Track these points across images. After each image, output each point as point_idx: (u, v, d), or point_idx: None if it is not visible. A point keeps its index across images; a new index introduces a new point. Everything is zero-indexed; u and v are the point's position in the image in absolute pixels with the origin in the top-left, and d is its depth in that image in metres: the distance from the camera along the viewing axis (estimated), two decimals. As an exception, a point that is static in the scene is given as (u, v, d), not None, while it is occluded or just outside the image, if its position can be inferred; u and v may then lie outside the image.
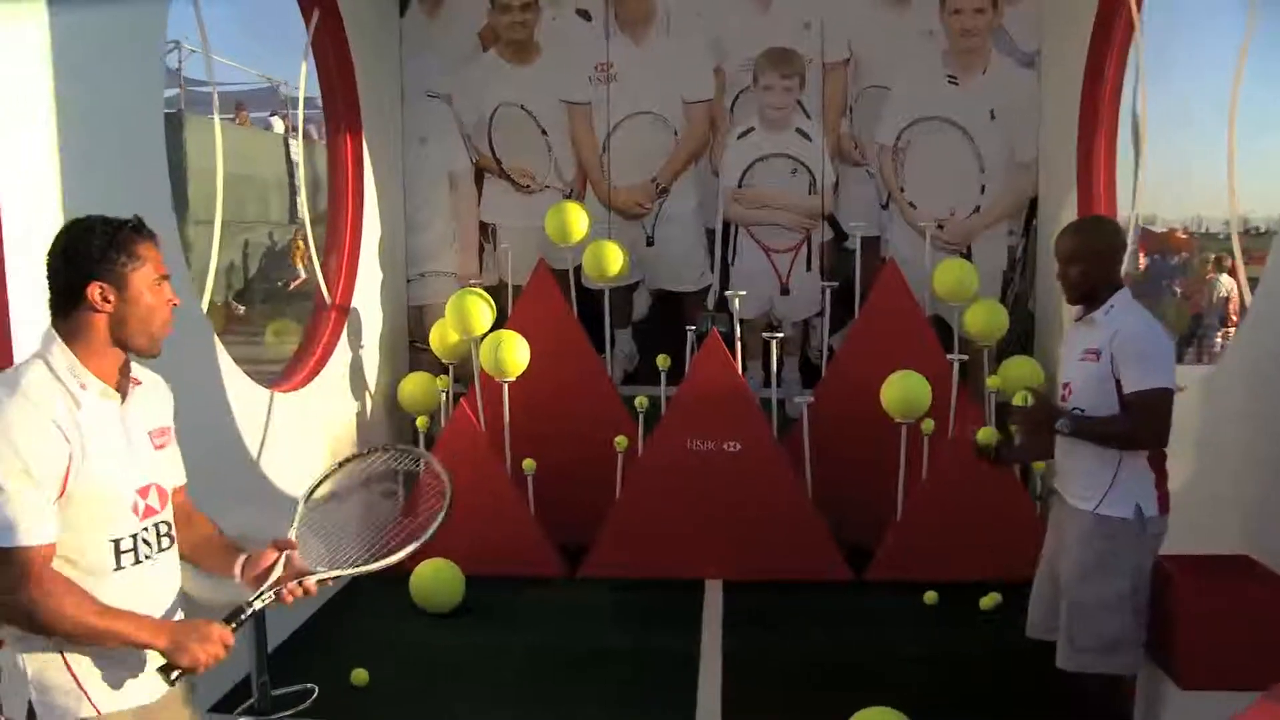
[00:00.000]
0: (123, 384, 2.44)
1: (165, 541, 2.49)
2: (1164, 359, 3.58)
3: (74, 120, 3.67)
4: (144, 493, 2.44)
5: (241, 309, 18.30)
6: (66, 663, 2.33)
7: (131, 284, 2.36)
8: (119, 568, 2.36)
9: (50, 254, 2.39)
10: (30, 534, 2.21)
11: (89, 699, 2.35)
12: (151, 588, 2.45)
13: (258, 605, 2.46)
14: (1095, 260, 3.65)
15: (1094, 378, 3.60)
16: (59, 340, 2.35)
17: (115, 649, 2.36)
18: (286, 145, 21.97)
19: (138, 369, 2.51)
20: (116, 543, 2.37)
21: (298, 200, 21.64)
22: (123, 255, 2.36)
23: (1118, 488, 3.56)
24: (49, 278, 2.39)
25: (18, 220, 3.45)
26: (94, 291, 2.33)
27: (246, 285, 19.15)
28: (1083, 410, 3.62)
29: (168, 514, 2.52)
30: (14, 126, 3.46)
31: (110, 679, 2.38)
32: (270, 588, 2.47)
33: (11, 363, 3.43)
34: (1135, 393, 3.49)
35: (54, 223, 3.58)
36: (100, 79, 3.89)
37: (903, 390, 6.01)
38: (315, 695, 4.62)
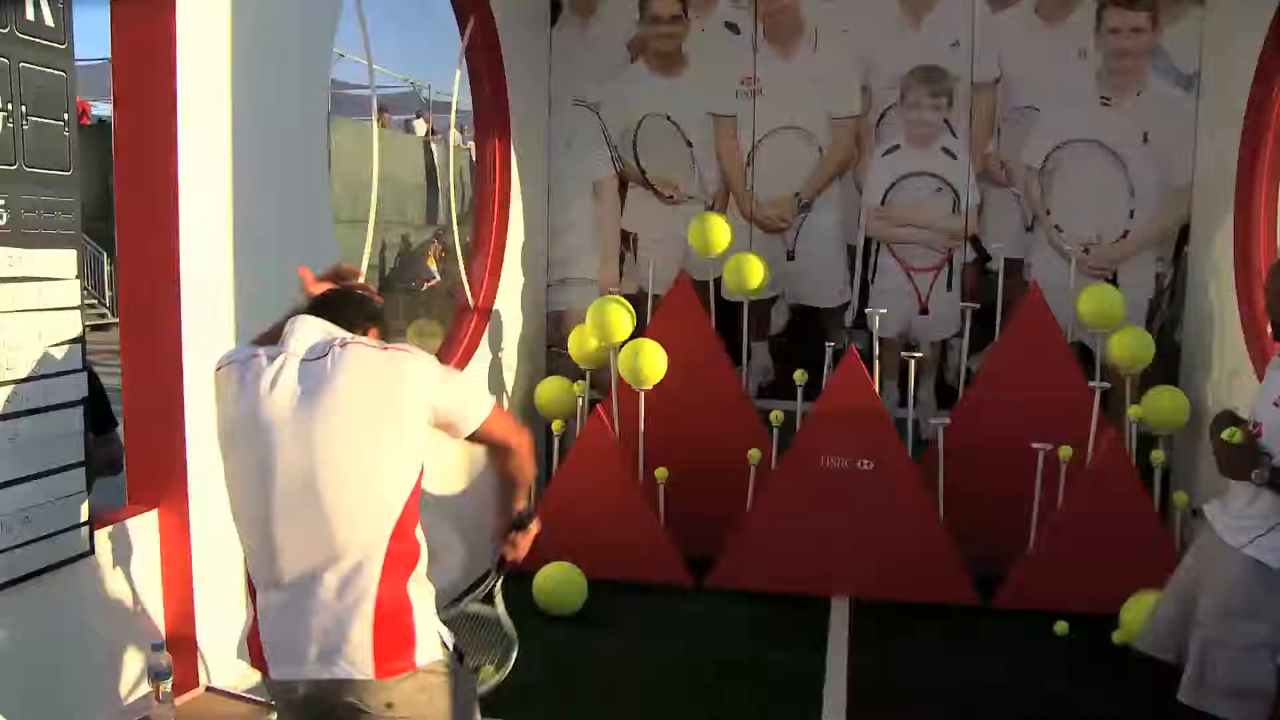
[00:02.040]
0: None
1: None
2: None
3: (246, 123, 3.85)
4: None
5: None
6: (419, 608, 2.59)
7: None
8: None
9: (356, 298, 2.86)
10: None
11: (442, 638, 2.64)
12: None
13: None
14: None
15: None
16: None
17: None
18: (428, 148, 22.46)
19: None
20: None
21: (438, 203, 22.14)
22: (382, 313, 2.89)
23: (1277, 535, 3.45)
24: (347, 305, 2.79)
25: (194, 216, 3.63)
26: (374, 331, 2.76)
27: (382, 286, 19.67)
28: (1272, 457, 3.48)
29: None
30: (195, 130, 3.63)
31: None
32: None
33: (182, 356, 3.64)
34: None
35: (225, 219, 3.80)
36: (273, 84, 4.07)
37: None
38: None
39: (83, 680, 3.25)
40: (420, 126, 22.57)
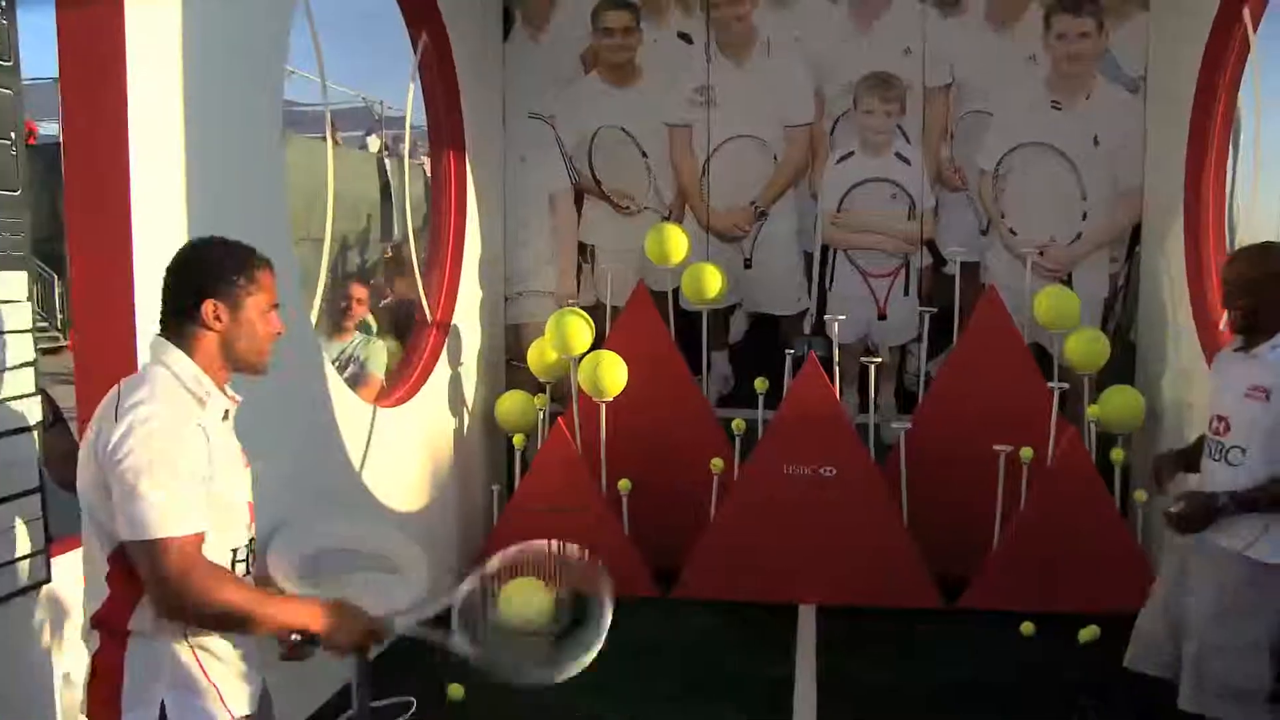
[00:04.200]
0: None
1: (252, 560, 2.58)
2: None
3: (200, 140, 3.80)
4: (249, 507, 2.56)
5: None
6: (201, 665, 2.38)
7: (245, 306, 2.45)
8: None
9: (170, 269, 2.49)
10: (184, 523, 2.25)
11: (224, 703, 2.40)
12: None
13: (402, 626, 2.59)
14: (1264, 289, 3.51)
15: (1262, 419, 3.46)
16: (176, 349, 2.41)
17: (237, 652, 2.44)
18: (381, 164, 22.33)
19: (231, 389, 2.54)
20: (235, 552, 2.46)
21: (393, 219, 22.00)
22: (241, 278, 2.45)
23: (1275, 533, 3.44)
24: (166, 290, 2.47)
25: (147, 235, 3.57)
26: (208, 309, 2.41)
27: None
28: (1243, 449, 3.49)
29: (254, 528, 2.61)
30: (149, 144, 3.58)
31: (235, 681, 2.44)
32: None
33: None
34: None
35: (180, 238, 3.74)
36: (225, 100, 4.03)
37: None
38: (413, 709, 4.68)
39: (39, 713, 3.18)
40: (374, 142, 22.42)
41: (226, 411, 2.48)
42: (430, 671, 4.96)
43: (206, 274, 2.44)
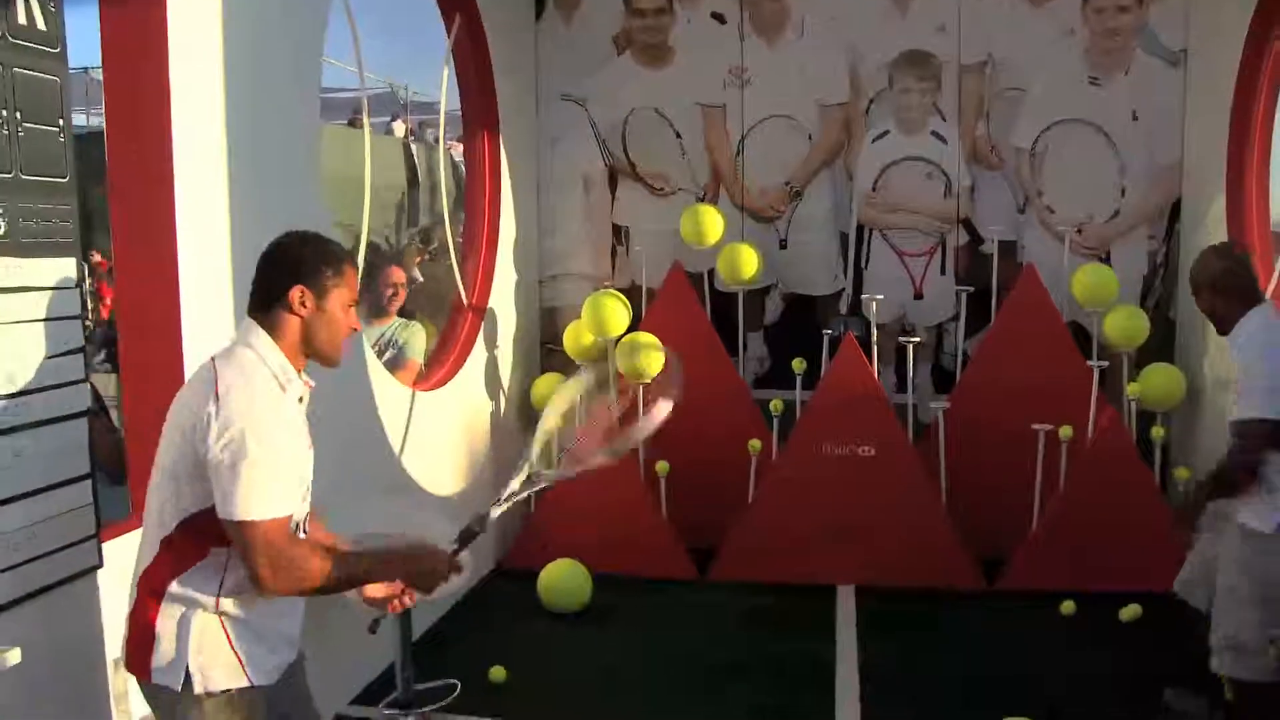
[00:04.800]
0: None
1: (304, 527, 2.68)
2: (1264, 390, 3.66)
3: (240, 129, 3.81)
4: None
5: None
6: (227, 634, 2.51)
7: (330, 297, 2.58)
8: None
9: (265, 255, 2.61)
10: (275, 506, 2.41)
11: (246, 671, 2.52)
12: None
13: (496, 513, 2.78)
14: (1210, 289, 3.88)
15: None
16: (264, 333, 2.54)
17: (270, 624, 2.58)
18: (408, 149, 22.35)
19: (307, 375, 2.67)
20: (298, 525, 2.57)
21: (419, 205, 22.03)
22: (330, 270, 2.58)
23: (1262, 501, 3.69)
24: (259, 274, 2.60)
25: (191, 225, 3.59)
26: (295, 294, 2.54)
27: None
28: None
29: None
30: (192, 131, 3.59)
31: (260, 652, 2.56)
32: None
33: (183, 363, 3.59)
34: (1232, 420, 3.76)
35: (222, 227, 3.76)
36: (266, 89, 4.03)
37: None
38: (457, 691, 4.69)
39: (94, 695, 3.21)
40: (399, 127, 22.43)
41: (301, 396, 2.59)
42: (473, 654, 5.03)
43: (299, 262, 2.56)
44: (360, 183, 5.49)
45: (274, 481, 2.40)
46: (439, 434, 5.77)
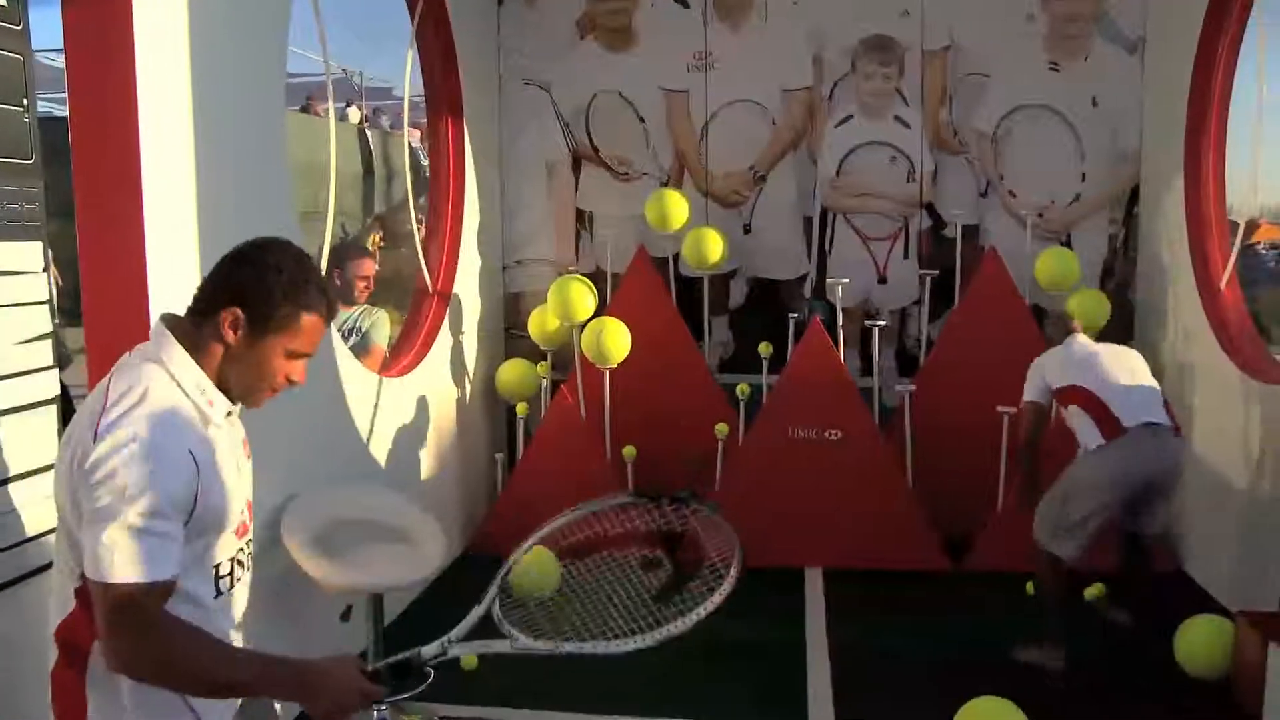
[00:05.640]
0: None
1: (249, 560, 2.26)
2: (1031, 379, 5.16)
3: (206, 116, 3.74)
4: (247, 507, 2.23)
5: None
6: (175, 699, 2.07)
7: (270, 337, 2.08)
8: (218, 594, 2.13)
9: (229, 255, 2.13)
10: (150, 569, 1.91)
11: (192, 711, 2.09)
12: (236, 611, 2.22)
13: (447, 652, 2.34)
14: None
15: None
16: (180, 347, 2.05)
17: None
18: (363, 135, 22.15)
19: None
20: (217, 568, 2.12)
21: (374, 191, 21.84)
22: (288, 307, 2.07)
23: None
24: (208, 277, 2.13)
25: (158, 214, 3.52)
26: (228, 316, 2.05)
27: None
28: None
29: (252, 527, 2.28)
30: (158, 123, 3.52)
31: (219, 707, 2.16)
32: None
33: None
34: None
35: (189, 217, 3.69)
36: (230, 76, 3.96)
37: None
38: (431, 678, 4.66)
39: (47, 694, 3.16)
40: (354, 113, 22.22)
41: (230, 411, 2.13)
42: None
43: (254, 279, 2.06)
44: (315, 170, 5.41)
45: (153, 538, 1.91)
46: (405, 420, 5.74)
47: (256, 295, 2.04)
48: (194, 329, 2.07)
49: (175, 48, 3.61)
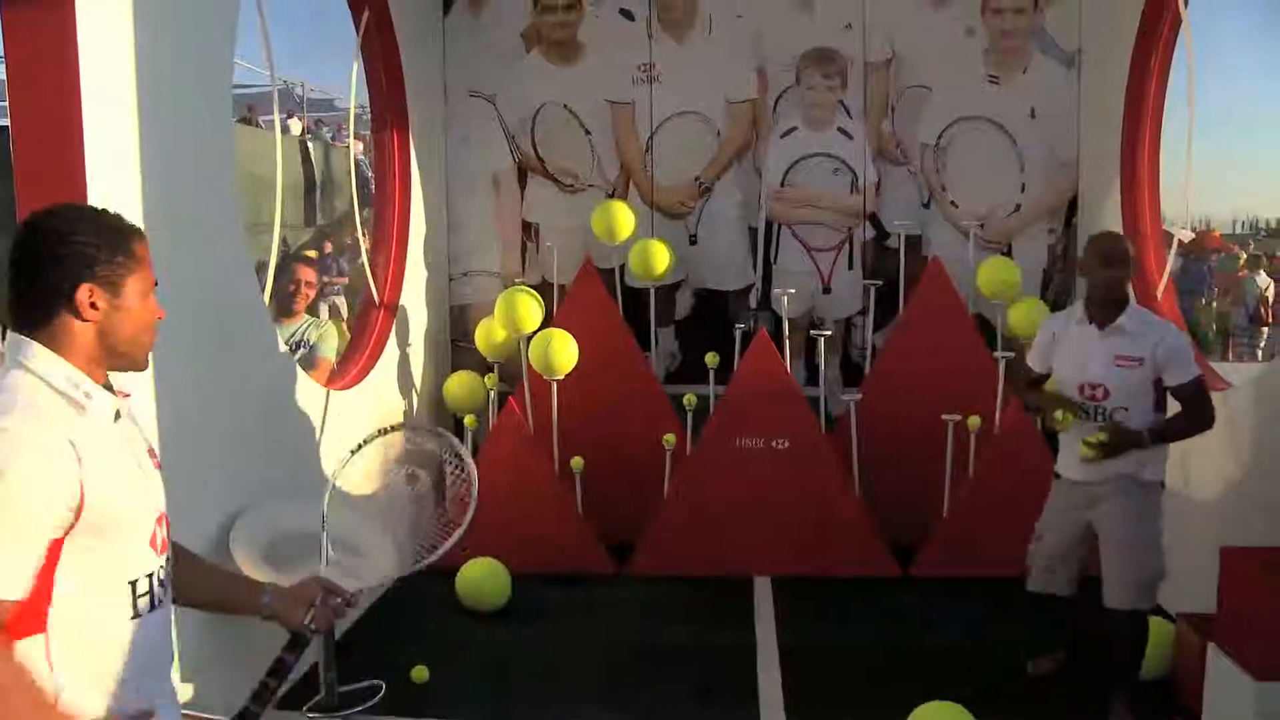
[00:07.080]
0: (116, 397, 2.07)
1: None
2: (1191, 352, 4.39)
3: (152, 128, 3.70)
4: (160, 520, 2.10)
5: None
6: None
7: (126, 288, 2.02)
8: (135, 615, 2.00)
9: (25, 248, 1.99)
10: None
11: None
12: (164, 636, 2.11)
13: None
14: (1132, 270, 4.40)
15: (1137, 382, 4.24)
16: (38, 344, 1.96)
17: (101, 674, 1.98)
18: (304, 147, 21.98)
19: (115, 378, 2.10)
20: (134, 584, 2.01)
21: (317, 204, 21.68)
22: (120, 255, 2.01)
23: (1153, 461, 4.29)
24: (20, 278, 1.98)
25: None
26: (84, 295, 1.97)
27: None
28: (1127, 409, 4.24)
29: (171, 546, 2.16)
30: (103, 129, 3.48)
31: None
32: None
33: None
34: (1182, 384, 4.21)
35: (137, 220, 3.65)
36: (176, 87, 3.92)
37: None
38: (382, 693, 4.64)
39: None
40: (295, 125, 22.04)
41: (118, 411, 2.04)
42: (394, 654, 4.97)
43: (80, 253, 1.97)
44: (257, 181, 5.38)
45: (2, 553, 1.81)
46: (354, 433, 5.67)
47: (91, 262, 1.97)
48: (46, 330, 1.97)
49: (120, 57, 3.56)
